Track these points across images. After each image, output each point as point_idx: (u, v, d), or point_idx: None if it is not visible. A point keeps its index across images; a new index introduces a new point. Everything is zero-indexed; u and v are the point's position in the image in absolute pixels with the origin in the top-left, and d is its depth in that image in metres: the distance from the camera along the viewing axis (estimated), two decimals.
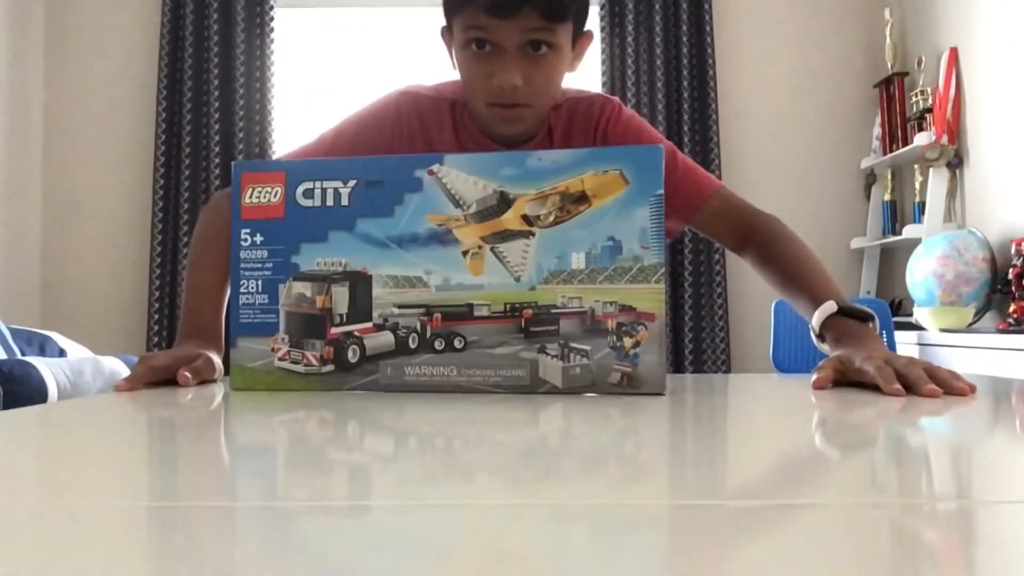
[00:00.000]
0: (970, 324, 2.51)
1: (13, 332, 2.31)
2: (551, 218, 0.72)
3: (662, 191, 0.71)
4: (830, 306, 0.86)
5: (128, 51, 3.34)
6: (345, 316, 0.76)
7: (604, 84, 3.24)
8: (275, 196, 0.78)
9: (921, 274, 2.58)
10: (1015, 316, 2.37)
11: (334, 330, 0.76)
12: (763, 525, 0.28)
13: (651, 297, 0.71)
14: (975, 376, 0.82)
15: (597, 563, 0.23)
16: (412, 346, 0.74)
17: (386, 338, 0.75)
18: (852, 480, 0.36)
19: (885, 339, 2.58)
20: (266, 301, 0.78)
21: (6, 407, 1.58)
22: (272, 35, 3.27)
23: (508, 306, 0.73)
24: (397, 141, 1.07)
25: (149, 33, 3.32)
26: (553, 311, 0.72)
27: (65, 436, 0.51)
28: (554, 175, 0.72)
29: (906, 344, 2.54)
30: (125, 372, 2.10)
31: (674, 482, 0.36)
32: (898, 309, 2.94)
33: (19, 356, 2.07)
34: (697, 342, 3.18)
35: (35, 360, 1.77)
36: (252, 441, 0.49)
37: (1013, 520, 0.28)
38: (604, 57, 3.25)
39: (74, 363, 1.92)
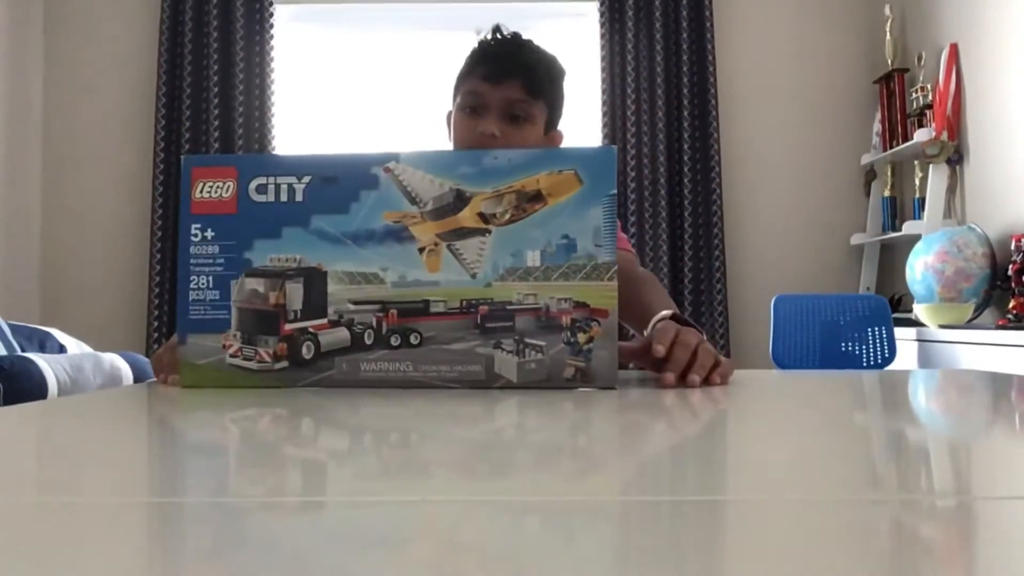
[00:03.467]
0: (969, 320, 2.51)
1: (13, 328, 2.31)
2: (507, 216, 0.73)
3: (615, 191, 0.73)
4: (666, 312, 0.90)
5: (128, 50, 3.34)
6: (299, 312, 0.75)
7: (604, 82, 3.24)
8: (227, 191, 0.77)
9: (921, 270, 2.58)
10: (1014, 312, 2.37)
11: (288, 326, 0.75)
12: (762, 524, 0.28)
13: (604, 294, 0.72)
14: (975, 372, 0.82)
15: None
16: (368, 342, 0.74)
17: (341, 334, 0.74)
18: (851, 476, 0.36)
19: (885, 335, 2.58)
20: (217, 297, 0.77)
21: (6, 403, 1.58)
22: (272, 31, 3.27)
23: (464, 302, 0.73)
24: None
25: (149, 31, 3.31)
26: (508, 307, 0.73)
27: (65, 432, 0.51)
28: (510, 174, 0.73)
29: (905, 340, 2.54)
30: (125, 368, 2.10)
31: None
32: (898, 305, 2.94)
33: (19, 352, 2.07)
34: None
35: (35, 356, 1.77)
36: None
37: (1013, 516, 0.28)
38: (604, 54, 3.25)
39: (74, 359, 1.92)
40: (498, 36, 1.22)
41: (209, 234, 0.77)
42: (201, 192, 0.78)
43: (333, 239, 0.75)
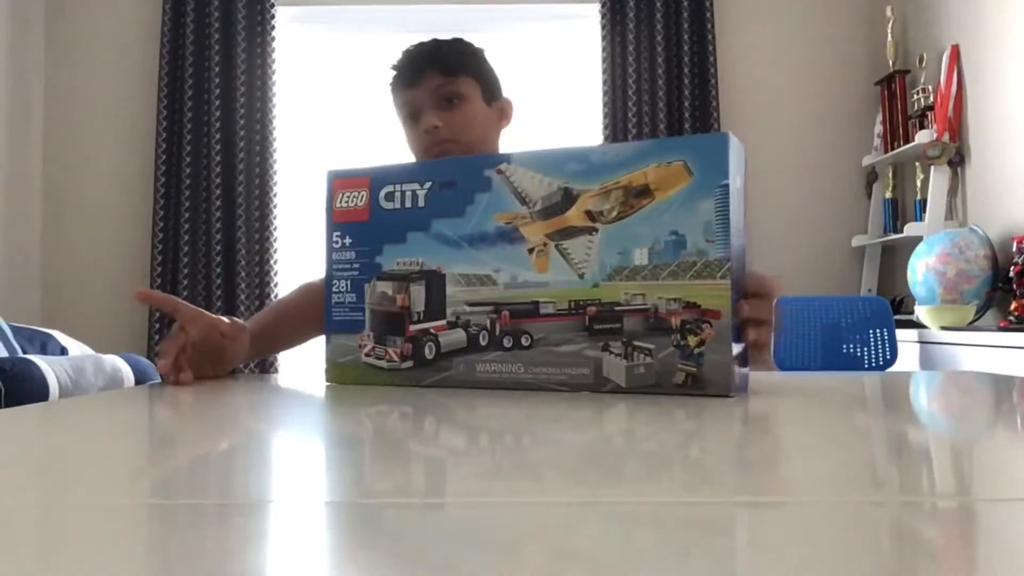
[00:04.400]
0: (971, 322, 2.50)
1: (15, 330, 2.31)
2: (614, 213, 0.71)
3: (728, 181, 0.67)
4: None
5: (129, 52, 3.34)
6: (422, 314, 0.79)
7: (605, 83, 3.24)
8: (361, 200, 0.82)
9: (922, 272, 2.58)
10: (1016, 314, 2.36)
11: (412, 327, 0.79)
12: (762, 525, 0.28)
13: (716, 294, 0.68)
14: (976, 374, 0.82)
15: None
16: (483, 343, 0.77)
17: (459, 335, 0.77)
18: (852, 478, 0.36)
19: (887, 337, 2.58)
20: (354, 300, 0.82)
21: (8, 405, 1.58)
22: (273, 32, 3.27)
23: (572, 303, 0.73)
24: None
25: (150, 33, 3.32)
26: (616, 308, 0.71)
27: (67, 434, 0.51)
28: (617, 169, 0.71)
29: (907, 342, 2.54)
30: (126, 370, 2.10)
31: (679, 480, 0.36)
32: (899, 307, 2.94)
33: (20, 354, 2.07)
34: None
35: (36, 358, 1.77)
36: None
37: (1014, 518, 0.28)
38: (604, 56, 3.25)
39: (75, 361, 1.92)
40: (406, 50, 1.26)
41: (347, 241, 0.82)
42: (341, 202, 0.83)
43: (451, 242, 0.78)
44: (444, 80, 1.18)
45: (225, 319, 0.94)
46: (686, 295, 0.69)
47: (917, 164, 3.03)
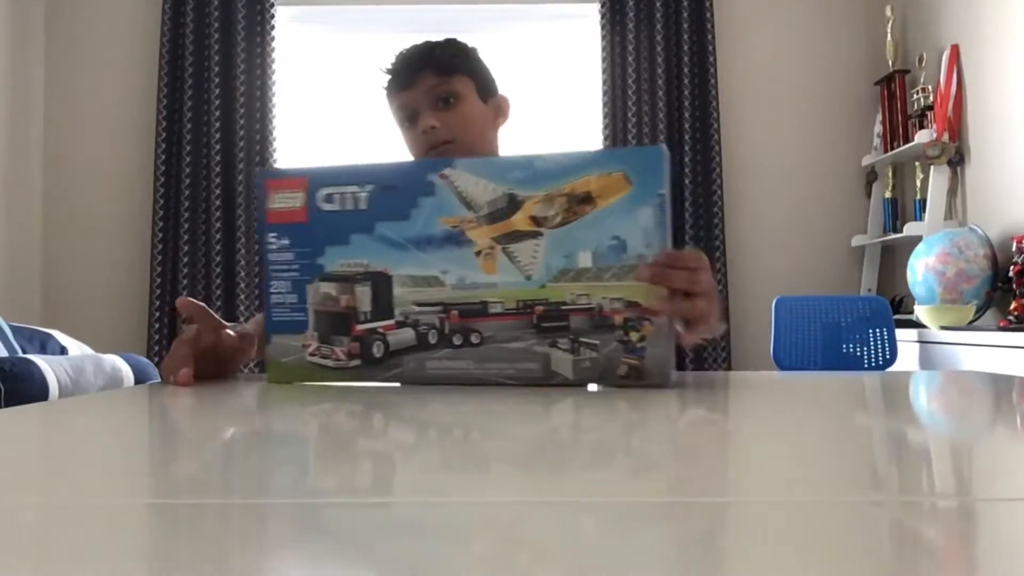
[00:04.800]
0: (971, 322, 2.50)
1: (14, 330, 2.31)
2: (558, 219, 0.75)
3: (664, 191, 0.73)
4: None
5: (129, 52, 3.34)
6: (369, 314, 0.79)
7: (604, 83, 3.24)
8: (297, 201, 0.82)
9: (922, 272, 2.58)
10: (1016, 313, 2.36)
11: (359, 327, 0.80)
12: (762, 525, 0.28)
13: (655, 293, 0.73)
14: (976, 373, 0.82)
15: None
16: (432, 341, 0.78)
17: (407, 334, 0.79)
18: (852, 477, 0.36)
19: (886, 337, 2.58)
20: (296, 300, 0.82)
21: (7, 404, 1.58)
22: (273, 32, 3.27)
23: (520, 303, 0.76)
24: None
25: (150, 33, 3.32)
26: (563, 307, 0.75)
27: (67, 434, 0.51)
28: (560, 177, 0.75)
29: (907, 341, 2.54)
30: (126, 370, 2.10)
31: (679, 478, 0.36)
32: (899, 307, 2.94)
33: (20, 354, 2.07)
34: None
35: (36, 358, 1.77)
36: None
37: (1014, 518, 0.28)
38: (604, 56, 3.25)
39: (75, 361, 1.92)
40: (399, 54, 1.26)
41: (284, 242, 0.82)
42: (275, 203, 0.83)
43: (396, 244, 0.79)
44: (439, 80, 1.19)
45: (237, 330, 0.92)
46: (628, 295, 0.73)
47: (917, 164, 3.03)
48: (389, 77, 1.23)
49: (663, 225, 0.73)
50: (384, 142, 3.37)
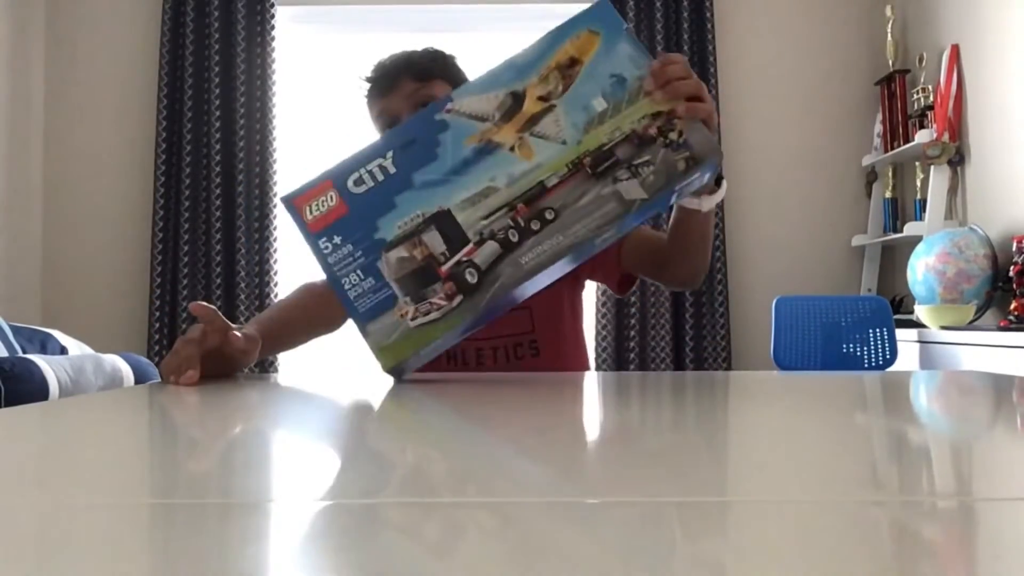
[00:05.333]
0: (971, 321, 2.50)
1: (14, 329, 2.31)
2: (560, 87, 0.83)
3: (626, 24, 0.83)
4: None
5: (129, 52, 3.34)
6: (447, 252, 0.82)
7: None
8: (332, 200, 0.84)
9: (922, 271, 2.58)
10: (1016, 313, 2.36)
11: (443, 268, 0.82)
12: (762, 525, 0.28)
13: (666, 97, 0.81)
14: (976, 373, 0.82)
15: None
16: (515, 240, 0.82)
17: (491, 248, 0.82)
18: (852, 477, 0.36)
19: (887, 337, 2.58)
20: (374, 282, 0.83)
21: (7, 404, 1.58)
22: (273, 32, 3.27)
23: (569, 165, 0.82)
24: None
25: (150, 33, 3.32)
26: (605, 148, 0.82)
27: (67, 434, 0.51)
28: (542, 59, 0.84)
29: (907, 341, 2.54)
30: (126, 369, 2.10)
31: (677, 477, 0.36)
32: (899, 306, 2.94)
33: (20, 353, 2.07)
34: (698, 339, 3.18)
35: (36, 357, 1.77)
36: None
37: (1014, 517, 0.28)
38: None
39: (75, 360, 1.92)
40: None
41: (337, 240, 0.84)
42: (311, 213, 0.84)
43: (439, 183, 0.83)
44: (419, 85, 1.21)
45: (243, 332, 0.92)
46: (648, 110, 0.82)
47: (917, 164, 3.03)
48: (369, 85, 1.26)
49: (641, 48, 0.83)
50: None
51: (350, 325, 0.87)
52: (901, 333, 2.56)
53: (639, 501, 0.31)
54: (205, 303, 0.90)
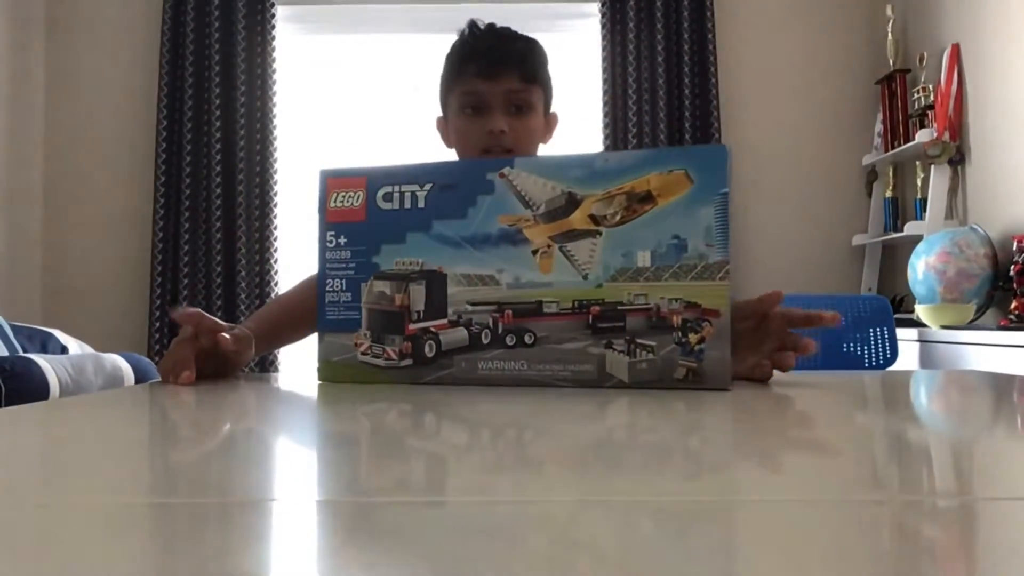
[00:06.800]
0: (971, 321, 2.50)
1: (15, 329, 2.31)
2: (617, 217, 0.74)
3: (727, 190, 0.72)
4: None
5: (129, 53, 3.34)
6: (422, 313, 0.79)
7: (605, 82, 3.24)
8: (357, 200, 0.82)
9: (922, 271, 2.58)
10: (1016, 313, 2.36)
11: (412, 326, 0.80)
12: (762, 524, 0.28)
13: (716, 294, 0.71)
14: (977, 373, 0.82)
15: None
16: (485, 341, 0.77)
17: (460, 334, 0.78)
18: (852, 477, 0.36)
19: (887, 336, 2.58)
20: (349, 299, 0.82)
21: (8, 403, 1.58)
22: (273, 32, 3.27)
23: (576, 303, 0.75)
24: None
25: (150, 31, 3.32)
26: (620, 308, 0.74)
27: (67, 433, 0.51)
28: (620, 176, 0.74)
29: (907, 341, 2.53)
30: (127, 369, 2.10)
31: (678, 477, 0.36)
32: (899, 306, 2.94)
33: (21, 353, 2.07)
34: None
35: (37, 357, 1.77)
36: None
37: (1014, 517, 0.28)
38: (605, 55, 3.25)
39: (76, 360, 1.92)
40: (478, 31, 1.22)
41: (342, 240, 0.82)
42: (335, 202, 0.83)
43: (452, 243, 0.78)
44: (522, 86, 1.16)
45: (234, 332, 0.91)
46: (687, 295, 0.72)
47: (917, 163, 3.03)
48: (463, 56, 1.18)
49: (724, 224, 0.71)
50: (384, 141, 3.37)
51: None
52: (901, 332, 2.56)
53: (638, 499, 0.31)
54: (189, 309, 0.88)
